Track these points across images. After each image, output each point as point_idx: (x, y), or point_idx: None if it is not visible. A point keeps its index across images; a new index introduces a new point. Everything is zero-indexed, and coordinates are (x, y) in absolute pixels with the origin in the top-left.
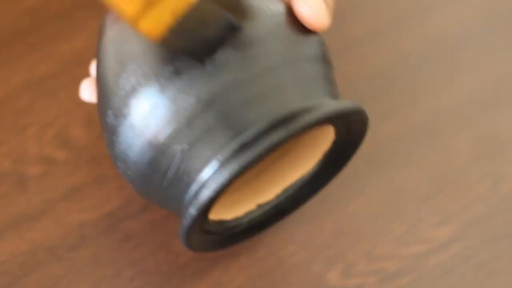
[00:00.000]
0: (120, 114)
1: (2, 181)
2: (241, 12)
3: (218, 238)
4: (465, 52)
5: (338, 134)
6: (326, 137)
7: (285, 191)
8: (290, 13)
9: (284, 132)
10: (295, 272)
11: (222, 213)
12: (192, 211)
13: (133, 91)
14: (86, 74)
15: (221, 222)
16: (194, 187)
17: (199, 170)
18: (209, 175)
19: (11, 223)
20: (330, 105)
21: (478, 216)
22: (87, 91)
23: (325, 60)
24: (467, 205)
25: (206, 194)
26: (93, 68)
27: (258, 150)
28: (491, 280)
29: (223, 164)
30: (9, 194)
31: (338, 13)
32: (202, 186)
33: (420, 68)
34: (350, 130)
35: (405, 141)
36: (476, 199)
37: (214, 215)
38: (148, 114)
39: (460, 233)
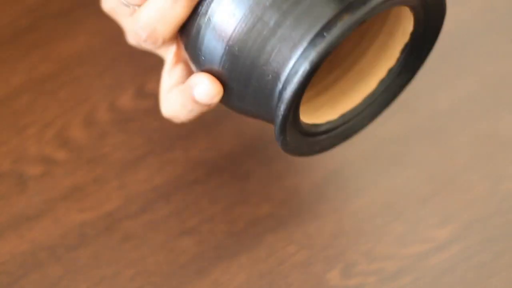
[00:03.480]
0: (206, 12)
1: (2, 181)
2: None
3: (305, 141)
4: (465, 52)
5: (416, 22)
6: (404, 31)
7: (365, 98)
8: None
9: (363, 10)
10: (295, 272)
11: (307, 117)
12: (286, 95)
13: None
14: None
15: (306, 125)
16: (285, 73)
17: (296, 43)
18: (296, 59)
19: (11, 223)
20: None
21: (478, 216)
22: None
23: None
24: (467, 205)
25: (299, 75)
26: None
27: (341, 29)
28: (491, 280)
29: (308, 46)
30: (9, 194)
31: None
32: (292, 71)
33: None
34: (428, 17)
35: (405, 141)
36: (476, 199)
37: (304, 117)
38: (229, 8)
39: (460, 233)
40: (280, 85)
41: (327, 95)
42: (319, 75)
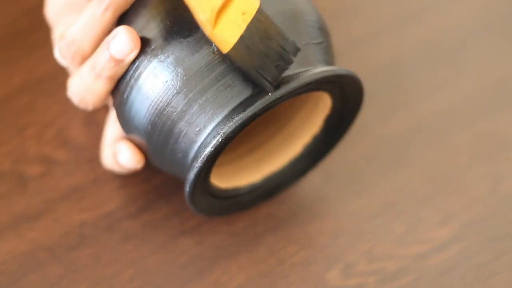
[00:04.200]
0: (130, 82)
1: (2, 181)
2: None
3: (224, 204)
4: (465, 52)
5: (333, 100)
6: (324, 104)
7: (289, 161)
8: None
9: (274, 95)
10: (295, 272)
11: (228, 181)
12: (190, 177)
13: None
14: None
15: (226, 190)
16: (197, 142)
17: (201, 128)
18: (210, 130)
19: (11, 223)
20: (316, 71)
21: (478, 216)
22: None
23: (322, 29)
24: (467, 205)
25: (208, 149)
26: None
27: (253, 110)
28: (491, 280)
29: (222, 121)
30: (9, 194)
31: (338, 13)
32: (196, 153)
33: (420, 68)
34: (346, 96)
35: (405, 141)
36: (476, 199)
37: (220, 182)
38: (143, 91)
39: (460, 233)
40: (188, 163)
41: (253, 155)
42: (249, 135)
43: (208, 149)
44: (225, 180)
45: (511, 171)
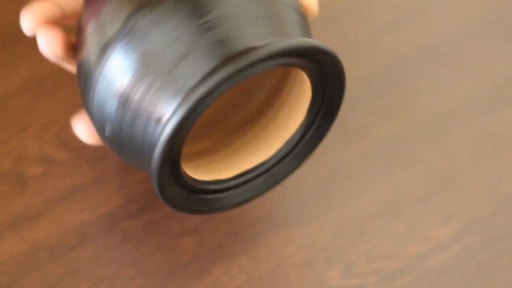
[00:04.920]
0: (94, 68)
1: (2, 181)
2: None
3: (198, 198)
4: (465, 52)
5: (314, 85)
6: (308, 89)
7: (274, 155)
8: None
9: (237, 64)
10: (295, 272)
11: (208, 175)
12: (160, 143)
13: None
14: None
15: (205, 182)
16: (161, 123)
17: (163, 110)
18: (171, 111)
19: (11, 223)
20: (287, 41)
21: (478, 216)
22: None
23: (298, 10)
24: (467, 205)
25: (169, 127)
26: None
27: (214, 82)
28: (491, 280)
29: (187, 95)
30: (9, 194)
31: (338, 13)
32: (167, 120)
33: (420, 68)
34: (325, 79)
35: (405, 141)
36: (476, 199)
37: (201, 176)
38: (113, 65)
39: (460, 233)
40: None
41: (238, 155)
42: (232, 137)
43: (172, 122)
44: (203, 175)
45: (511, 171)
